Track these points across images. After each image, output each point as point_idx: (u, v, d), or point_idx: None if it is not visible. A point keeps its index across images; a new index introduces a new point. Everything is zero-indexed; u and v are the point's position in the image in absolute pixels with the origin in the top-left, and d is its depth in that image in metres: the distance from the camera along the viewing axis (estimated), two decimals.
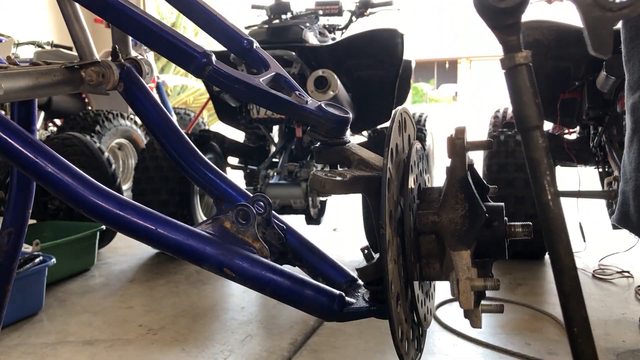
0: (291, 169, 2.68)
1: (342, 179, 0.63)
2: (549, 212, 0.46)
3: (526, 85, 0.44)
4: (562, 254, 0.47)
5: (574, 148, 2.81)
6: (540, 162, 0.45)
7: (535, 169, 0.46)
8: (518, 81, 0.44)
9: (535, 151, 0.46)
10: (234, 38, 0.86)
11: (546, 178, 0.45)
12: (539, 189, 0.46)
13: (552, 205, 0.46)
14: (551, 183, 0.46)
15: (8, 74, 0.70)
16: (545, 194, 0.46)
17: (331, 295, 0.66)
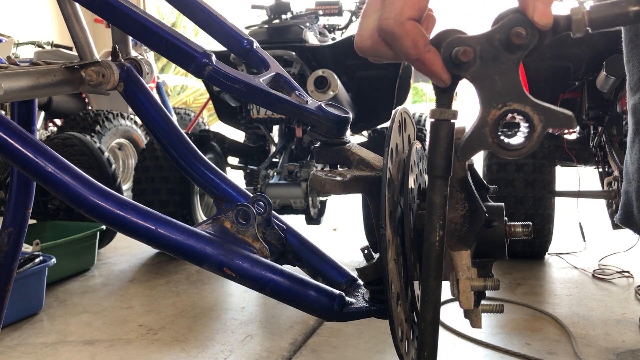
0: (291, 169, 2.68)
1: (342, 179, 0.63)
2: (433, 252, 0.51)
3: (444, 139, 0.49)
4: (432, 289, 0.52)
5: (574, 148, 2.81)
6: (437, 206, 0.51)
7: (431, 211, 0.51)
8: (439, 133, 0.50)
9: (435, 196, 0.51)
10: (234, 38, 0.86)
11: (439, 221, 0.51)
12: (430, 229, 0.51)
13: (437, 246, 0.51)
14: (441, 227, 0.51)
15: (8, 74, 0.70)
16: (435, 235, 0.51)
17: (331, 295, 0.66)
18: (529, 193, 2.56)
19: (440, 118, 0.49)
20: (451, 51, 0.46)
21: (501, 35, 0.44)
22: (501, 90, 0.45)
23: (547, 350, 1.76)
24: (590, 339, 1.84)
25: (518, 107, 0.45)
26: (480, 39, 0.45)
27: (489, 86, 0.45)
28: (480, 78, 0.45)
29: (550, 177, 2.63)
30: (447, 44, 0.46)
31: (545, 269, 2.64)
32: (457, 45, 0.46)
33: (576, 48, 2.47)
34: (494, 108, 0.45)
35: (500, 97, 0.45)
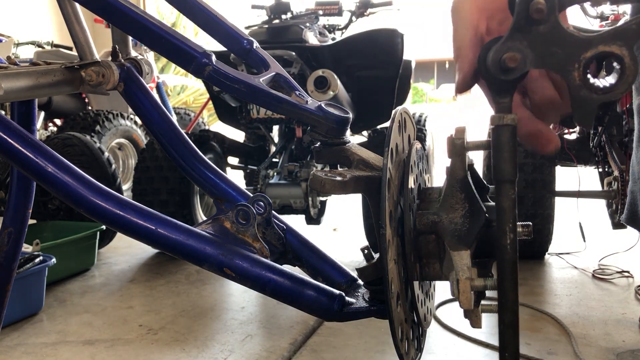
0: (291, 169, 2.68)
1: (342, 179, 0.63)
2: (505, 255, 0.52)
3: (507, 144, 0.51)
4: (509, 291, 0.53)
5: (574, 148, 2.81)
6: (507, 210, 0.52)
7: (501, 216, 0.52)
8: (502, 138, 0.51)
9: (504, 200, 0.52)
10: (234, 38, 0.85)
11: (509, 224, 0.52)
12: (501, 233, 0.52)
13: (509, 249, 0.52)
14: (512, 229, 0.52)
15: (8, 74, 0.70)
16: (505, 238, 0.52)
17: (331, 295, 0.66)
18: (529, 193, 2.56)
19: (501, 124, 0.50)
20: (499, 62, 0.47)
21: (524, 17, 0.45)
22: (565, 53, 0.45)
23: (547, 350, 1.76)
24: (590, 339, 1.84)
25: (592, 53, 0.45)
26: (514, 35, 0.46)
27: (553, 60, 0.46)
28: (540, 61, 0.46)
29: (550, 177, 2.63)
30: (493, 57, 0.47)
31: (545, 269, 2.64)
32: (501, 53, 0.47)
33: None
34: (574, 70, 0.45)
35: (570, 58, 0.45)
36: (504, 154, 0.50)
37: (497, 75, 0.48)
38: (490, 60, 0.48)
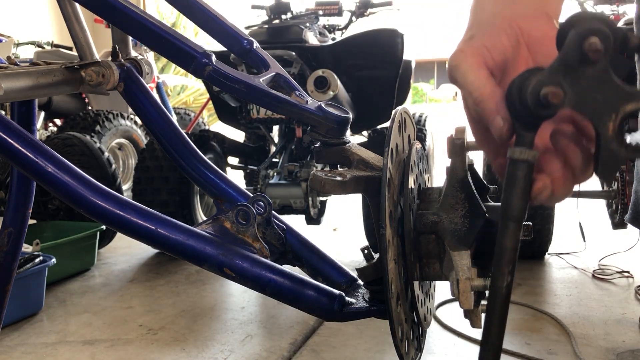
0: (291, 169, 2.68)
1: (342, 179, 0.63)
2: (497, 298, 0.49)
3: (522, 180, 0.46)
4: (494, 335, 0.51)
5: None
6: (508, 250, 0.47)
7: (501, 256, 0.48)
8: (517, 173, 0.46)
9: (507, 239, 0.47)
10: (234, 38, 0.85)
11: (508, 266, 0.48)
12: (498, 273, 0.48)
13: (504, 292, 0.48)
14: (510, 272, 0.48)
15: (8, 74, 0.70)
16: (502, 280, 0.48)
17: (331, 295, 0.66)
18: None
19: (519, 158, 0.46)
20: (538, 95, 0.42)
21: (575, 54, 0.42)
22: (605, 101, 0.42)
23: (547, 350, 1.76)
24: (590, 339, 1.84)
25: (633, 107, 0.42)
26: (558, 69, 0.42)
27: (591, 105, 0.42)
28: (579, 103, 0.42)
29: None
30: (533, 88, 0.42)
31: (545, 269, 2.64)
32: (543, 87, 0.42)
33: None
34: (610, 121, 0.42)
35: (609, 108, 0.42)
36: (517, 190, 0.46)
37: (533, 108, 0.43)
38: (529, 92, 0.43)
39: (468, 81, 0.49)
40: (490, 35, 0.51)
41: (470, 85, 0.48)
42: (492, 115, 0.47)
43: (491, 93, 0.47)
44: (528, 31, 0.51)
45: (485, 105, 0.47)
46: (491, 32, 0.51)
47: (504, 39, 0.51)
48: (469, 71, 0.49)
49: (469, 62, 0.49)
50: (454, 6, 26.84)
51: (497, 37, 0.50)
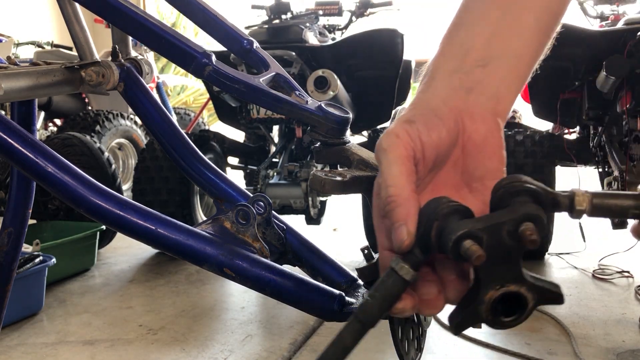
0: (291, 169, 2.68)
1: (342, 179, 0.63)
2: None
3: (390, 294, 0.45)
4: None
5: (574, 148, 2.81)
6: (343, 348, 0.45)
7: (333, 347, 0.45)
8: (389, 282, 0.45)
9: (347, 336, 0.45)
10: (234, 38, 0.85)
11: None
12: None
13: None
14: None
15: (8, 74, 0.70)
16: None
17: (331, 295, 0.66)
18: None
19: (396, 269, 0.44)
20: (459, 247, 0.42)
21: (510, 228, 0.42)
22: (502, 273, 0.43)
23: (547, 350, 1.76)
24: (590, 339, 1.84)
25: (515, 289, 0.44)
26: (488, 230, 0.42)
27: (490, 269, 0.43)
28: (483, 265, 0.42)
29: (550, 177, 2.63)
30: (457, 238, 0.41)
31: (545, 269, 2.64)
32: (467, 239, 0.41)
33: (576, 48, 2.47)
34: (492, 289, 0.43)
35: (500, 280, 0.43)
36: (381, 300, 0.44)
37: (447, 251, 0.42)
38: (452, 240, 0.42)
39: (390, 173, 0.45)
40: (432, 126, 0.47)
41: (390, 179, 0.45)
42: (398, 222, 0.44)
43: (407, 199, 0.44)
44: (470, 132, 0.48)
45: (396, 208, 0.44)
46: (434, 124, 0.47)
47: (443, 136, 0.47)
48: (394, 164, 0.45)
49: (398, 152, 0.45)
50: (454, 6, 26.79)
51: (437, 131, 0.47)
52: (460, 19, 0.52)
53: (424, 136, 0.46)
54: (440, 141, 0.47)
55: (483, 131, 0.48)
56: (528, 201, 0.42)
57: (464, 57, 0.50)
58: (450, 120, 0.47)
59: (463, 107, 0.48)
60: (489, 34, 0.50)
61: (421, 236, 0.44)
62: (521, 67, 0.51)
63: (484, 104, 0.48)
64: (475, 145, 0.48)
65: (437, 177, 0.50)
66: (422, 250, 0.44)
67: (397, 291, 0.45)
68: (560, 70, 2.56)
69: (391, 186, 0.45)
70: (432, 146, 0.47)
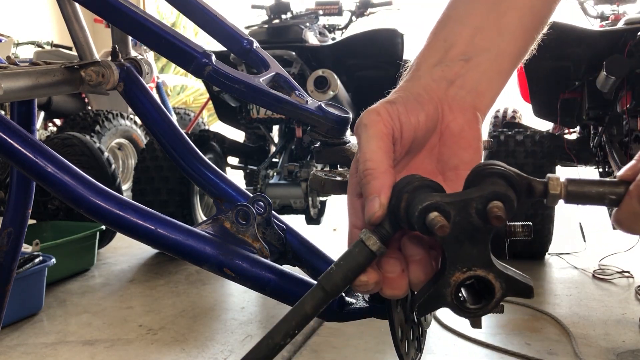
0: (291, 169, 2.68)
1: (342, 179, 0.63)
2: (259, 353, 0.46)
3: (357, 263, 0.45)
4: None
5: (574, 148, 2.81)
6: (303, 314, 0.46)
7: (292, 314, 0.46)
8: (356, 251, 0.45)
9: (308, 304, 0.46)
10: (234, 38, 0.85)
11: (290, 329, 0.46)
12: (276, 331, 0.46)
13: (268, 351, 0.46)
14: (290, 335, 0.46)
15: (8, 74, 0.70)
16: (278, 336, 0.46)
17: None
18: None
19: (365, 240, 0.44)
20: (425, 217, 0.41)
21: (478, 205, 0.41)
22: (469, 254, 0.43)
23: (547, 350, 1.76)
24: (590, 339, 1.84)
25: (482, 274, 0.43)
26: (456, 205, 0.41)
27: (457, 249, 0.42)
28: (450, 241, 0.42)
29: None
30: (423, 208, 0.41)
31: (545, 269, 2.64)
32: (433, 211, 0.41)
33: (576, 48, 2.47)
34: (459, 271, 0.43)
35: (467, 262, 0.43)
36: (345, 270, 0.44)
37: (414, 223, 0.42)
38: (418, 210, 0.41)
39: (368, 148, 0.46)
40: (412, 109, 0.48)
41: (369, 153, 0.46)
42: (372, 194, 0.44)
43: (383, 173, 0.45)
44: (448, 121, 0.49)
45: (372, 181, 0.45)
46: (413, 107, 0.48)
47: (421, 119, 0.48)
48: (373, 139, 0.46)
49: (377, 129, 0.46)
50: None
51: (417, 114, 0.48)
52: (446, 15, 0.53)
53: (403, 117, 0.47)
54: (419, 124, 0.48)
55: (461, 122, 0.49)
56: (499, 182, 0.42)
57: (447, 51, 0.51)
58: (430, 106, 0.48)
59: (443, 97, 0.49)
60: (472, 30, 0.51)
61: (392, 210, 0.44)
62: (503, 64, 0.52)
63: (464, 97, 0.50)
64: (452, 134, 0.49)
65: (412, 161, 0.51)
66: (392, 225, 0.44)
67: (363, 262, 0.45)
68: (560, 70, 2.56)
69: (369, 160, 0.46)
70: (410, 128, 0.47)
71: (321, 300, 0.46)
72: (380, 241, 0.44)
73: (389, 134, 0.47)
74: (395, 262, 0.47)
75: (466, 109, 0.49)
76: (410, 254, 0.47)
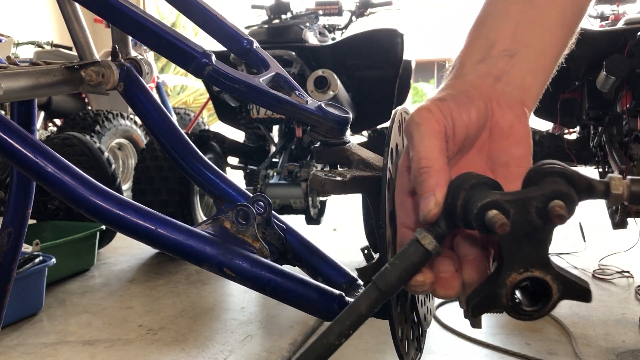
0: (291, 169, 2.68)
1: (342, 179, 0.63)
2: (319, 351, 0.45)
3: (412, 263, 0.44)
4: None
5: (574, 148, 2.81)
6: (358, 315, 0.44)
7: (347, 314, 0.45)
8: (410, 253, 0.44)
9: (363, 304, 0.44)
10: (234, 38, 0.85)
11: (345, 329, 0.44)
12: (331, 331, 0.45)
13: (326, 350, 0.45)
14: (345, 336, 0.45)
15: (8, 74, 0.70)
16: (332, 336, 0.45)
17: (331, 295, 0.66)
18: None
19: (420, 240, 0.43)
20: (484, 215, 0.40)
21: (539, 204, 0.41)
22: (527, 255, 0.41)
23: (547, 350, 1.76)
24: (590, 339, 1.84)
25: (540, 275, 0.42)
26: (516, 203, 0.41)
27: (514, 249, 0.41)
28: (508, 240, 0.41)
29: None
30: (482, 206, 0.40)
31: None
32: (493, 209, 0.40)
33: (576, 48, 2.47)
34: (515, 272, 0.41)
35: (524, 262, 0.41)
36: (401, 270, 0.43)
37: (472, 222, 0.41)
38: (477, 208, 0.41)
39: (423, 146, 0.45)
40: (463, 106, 0.47)
41: (424, 151, 0.45)
42: (428, 192, 0.44)
43: (439, 171, 0.44)
44: (497, 118, 0.48)
45: (427, 179, 0.44)
46: (464, 104, 0.47)
47: (473, 115, 0.47)
48: (427, 136, 0.46)
49: (430, 126, 0.46)
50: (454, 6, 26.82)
51: (467, 110, 0.47)
52: (485, 12, 0.53)
53: (455, 114, 0.47)
54: (470, 122, 0.47)
55: (510, 118, 0.48)
56: (560, 181, 0.41)
57: (490, 48, 0.51)
58: (480, 102, 0.48)
59: (491, 93, 0.49)
60: (513, 26, 0.51)
61: (448, 208, 0.43)
62: (546, 58, 0.52)
63: (511, 93, 0.49)
64: (502, 131, 0.48)
65: (462, 160, 0.50)
66: (448, 223, 0.44)
67: (418, 261, 0.44)
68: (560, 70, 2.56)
69: (424, 158, 0.45)
70: (463, 125, 0.47)
71: (376, 300, 0.45)
72: (435, 240, 0.43)
73: (441, 132, 0.46)
74: (448, 262, 0.47)
75: (514, 105, 0.49)
76: (464, 254, 0.47)
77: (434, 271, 0.46)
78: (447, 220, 0.44)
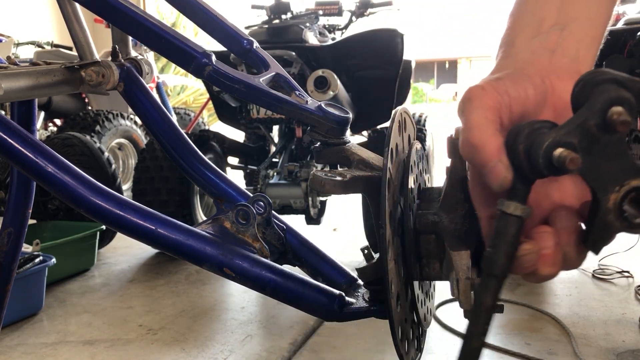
0: (291, 169, 2.68)
1: (342, 179, 0.63)
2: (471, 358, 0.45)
3: (511, 237, 0.43)
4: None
5: None
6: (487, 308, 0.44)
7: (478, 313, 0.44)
8: (507, 229, 0.43)
9: (487, 296, 0.44)
10: (234, 38, 0.85)
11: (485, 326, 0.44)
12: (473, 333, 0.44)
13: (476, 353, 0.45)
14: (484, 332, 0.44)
15: (8, 74, 0.70)
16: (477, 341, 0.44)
17: (331, 295, 0.66)
18: None
19: (512, 213, 0.42)
20: (551, 159, 0.39)
21: (597, 120, 0.39)
22: (613, 171, 0.40)
23: (547, 350, 1.76)
24: (590, 339, 1.84)
25: (636, 183, 0.40)
26: (575, 132, 0.39)
27: (598, 173, 0.40)
28: (586, 170, 0.39)
29: None
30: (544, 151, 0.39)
31: None
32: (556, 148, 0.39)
33: None
34: (612, 192, 0.40)
35: (616, 179, 0.40)
36: (504, 246, 0.43)
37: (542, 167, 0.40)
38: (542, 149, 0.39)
39: (472, 117, 0.45)
40: (519, 83, 0.47)
41: (473, 122, 0.45)
42: (491, 160, 0.43)
43: (491, 136, 0.44)
44: (559, 92, 0.47)
45: (484, 148, 0.43)
46: (520, 81, 0.47)
47: (530, 92, 0.47)
48: (477, 109, 0.45)
49: (483, 101, 0.45)
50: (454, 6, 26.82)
51: (524, 87, 0.47)
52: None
53: (512, 90, 0.46)
54: (527, 98, 0.47)
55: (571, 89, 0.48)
56: (610, 87, 0.39)
57: (539, 25, 0.51)
58: (537, 78, 0.47)
59: (549, 67, 0.48)
60: (558, 2, 0.51)
61: (517, 167, 0.42)
62: (594, 29, 0.52)
63: (569, 64, 0.49)
64: (567, 104, 0.46)
65: None
66: (522, 181, 0.42)
67: (515, 232, 0.43)
68: None
69: (473, 128, 0.44)
70: (520, 102, 0.46)
71: (496, 287, 0.44)
72: (520, 203, 0.42)
73: (494, 107, 0.45)
74: (548, 236, 0.46)
75: (575, 76, 0.47)
76: (561, 226, 0.46)
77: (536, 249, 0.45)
78: (520, 178, 0.43)
